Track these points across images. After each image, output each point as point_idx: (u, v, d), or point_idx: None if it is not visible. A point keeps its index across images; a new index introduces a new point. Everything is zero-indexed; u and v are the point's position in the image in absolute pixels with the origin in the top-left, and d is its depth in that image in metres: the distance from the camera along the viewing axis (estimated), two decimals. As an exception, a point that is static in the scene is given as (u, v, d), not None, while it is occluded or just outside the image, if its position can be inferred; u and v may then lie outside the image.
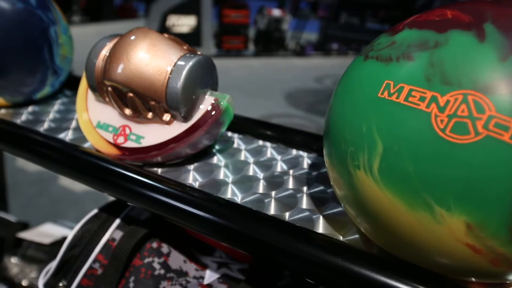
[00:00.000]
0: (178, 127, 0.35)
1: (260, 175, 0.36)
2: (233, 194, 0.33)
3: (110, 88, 0.35)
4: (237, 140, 0.42)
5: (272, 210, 0.31)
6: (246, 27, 4.41)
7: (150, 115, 0.36)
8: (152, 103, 0.34)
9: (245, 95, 2.99)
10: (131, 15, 6.81)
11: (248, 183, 0.34)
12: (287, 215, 0.30)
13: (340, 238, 0.28)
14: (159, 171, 0.36)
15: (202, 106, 0.35)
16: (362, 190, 0.22)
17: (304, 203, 0.32)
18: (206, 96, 0.36)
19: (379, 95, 0.21)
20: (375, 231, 0.24)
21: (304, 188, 0.34)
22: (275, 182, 0.35)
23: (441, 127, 0.18)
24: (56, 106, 0.49)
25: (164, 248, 0.39)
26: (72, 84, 0.54)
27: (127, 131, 0.37)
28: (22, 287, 0.73)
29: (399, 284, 0.22)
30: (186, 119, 0.35)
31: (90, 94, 0.40)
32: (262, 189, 0.34)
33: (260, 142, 0.42)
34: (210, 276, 0.39)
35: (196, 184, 0.34)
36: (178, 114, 0.34)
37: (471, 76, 0.18)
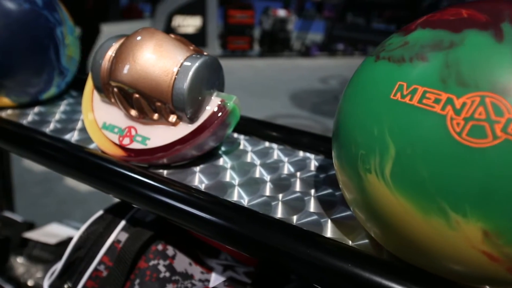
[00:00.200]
0: (184, 129, 0.34)
1: (267, 177, 0.35)
2: (239, 196, 0.33)
3: (116, 89, 0.35)
4: (243, 142, 0.42)
5: (279, 213, 0.30)
6: (251, 28, 4.41)
7: (156, 116, 0.35)
8: (158, 104, 0.34)
9: (250, 96, 2.99)
10: (137, 15, 6.84)
11: (254, 186, 0.34)
12: (294, 218, 0.30)
13: (349, 243, 0.27)
14: (165, 172, 0.36)
15: (208, 107, 0.35)
16: (373, 194, 0.22)
17: (312, 206, 0.31)
18: (213, 97, 0.35)
19: (391, 97, 0.20)
20: (385, 236, 0.24)
21: (312, 191, 0.33)
22: (282, 184, 0.34)
23: (457, 130, 0.17)
24: (62, 107, 0.49)
25: (170, 250, 0.39)
26: (78, 84, 0.54)
27: (133, 132, 0.36)
28: (28, 287, 0.73)
29: (411, 292, 0.22)
30: (192, 120, 0.34)
31: (96, 95, 0.40)
32: (269, 191, 0.33)
33: (267, 144, 0.42)
34: (215, 279, 0.39)
35: (202, 187, 0.34)
36: (184, 115, 0.34)
37: (488, 77, 0.17)
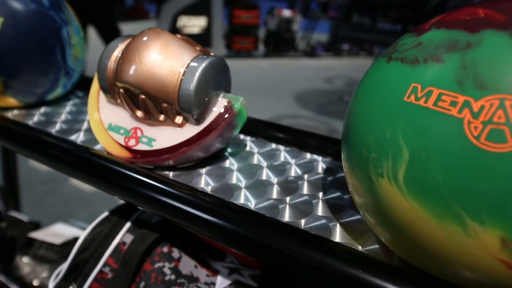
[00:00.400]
0: (190, 130, 0.34)
1: (274, 179, 0.35)
2: (246, 199, 0.32)
3: (121, 90, 0.35)
4: (249, 143, 0.42)
5: (286, 217, 0.30)
6: (256, 28, 4.41)
7: (162, 117, 0.35)
8: (164, 105, 0.34)
9: (254, 96, 2.98)
10: (142, 16, 6.87)
11: (261, 188, 0.33)
12: (302, 222, 0.29)
13: (359, 248, 0.26)
14: (171, 174, 0.36)
15: (215, 109, 0.34)
16: (385, 199, 0.21)
17: (320, 209, 0.31)
18: (219, 98, 0.35)
19: (405, 99, 0.20)
20: (397, 242, 0.23)
21: (320, 194, 0.33)
22: (289, 187, 0.34)
23: (474, 134, 0.17)
24: (68, 107, 0.49)
25: (175, 253, 0.38)
26: (84, 85, 0.54)
27: (139, 133, 0.36)
28: (33, 287, 0.73)
29: (424, 300, 0.21)
30: (198, 121, 0.34)
31: (102, 95, 0.40)
32: (276, 194, 0.33)
33: (273, 145, 0.41)
34: (221, 282, 0.38)
35: (209, 189, 0.33)
36: (190, 116, 0.33)
37: (508, 79, 0.17)
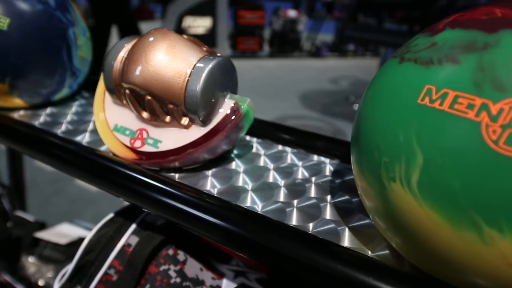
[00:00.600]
0: (197, 132, 0.34)
1: (281, 182, 0.34)
2: (253, 202, 0.32)
3: (127, 91, 0.34)
4: (255, 145, 0.41)
5: (294, 221, 0.29)
6: (261, 28, 4.40)
7: (168, 118, 0.35)
8: (170, 106, 0.33)
9: (259, 96, 2.98)
10: (148, 16, 6.89)
11: (268, 191, 0.33)
12: (310, 226, 0.29)
13: (369, 253, 0.26)
14: (176, 176, 0.35)
15: (221, 110, 0.34)
16: (396, 204, 0.21)
17: (328, 213, 0.30)
18: (226, 100, 0.34)
19: (418, 101, 0.19)
20: (409, 247, 0.23)
21: (328, 197, 0.32)
22: (296, 190, 0.33)
23: (493, 138, 0.16)
24: (74, 108, 0.49)
25: (180, 255, 0.38)
26: (90, 85, 0.54)
27: (144, 134, 0.36)
28: (38, 287, 0.74)
29: (438, 308, 0.20)
30: (205, 123, 0.33)
31: (108, 96, 0.40)
32: (283, 197, 0.32)
33: (280, 147, 0.41)
34: (227, 285, 0.38)
35: (215, 191, 0.33)
36: (196, 118, 0.33)
37: (528, 81, 0.16)
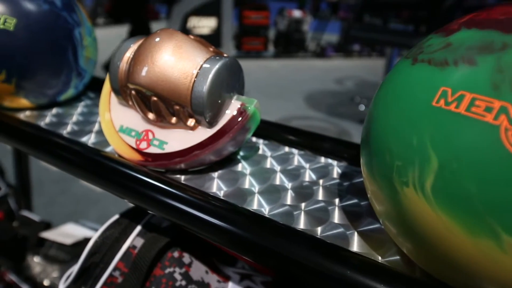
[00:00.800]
0: (203, 133, 0.33)
1: (288, 184, 0.34)
2: (259, 205, 0.31)
3: (133, 92, 0.34)
4: (262, 146, 0.41)
5: (301, 224, 0.29)
6: (266, 29, 4.40)
7: (174, 120, 0.34)
8: (177, 107, 0.33)
9: (264, 97, 2.97)
10: (153, 17, 6.92)
11: (275, 194, 0.32)
12: (319, 230, 0.28)
13: (379, 258, 0.25)
14: (182, 178, 0.35)
15: (228, 111, 0.33)
16: (409, 209, 0.20)
17: (337, 217, 0.30)
18: (232, 101, 0.34)
19: (433, 104, 0.18)
20: (421, 253, 0.22)
21: (336, 200, 0.32)
22: (304, 193, 0.33)
23: (513, 142, 0.16)
24: (80, 108, 0.49)
25: (186, 258, 0.38)
26: (95, 86, 0.54)
27: (150, 136, 0.35)
28: (43, 286, 0.74)
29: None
30: (211, 124, 0.33)
31: (113, 97, 0.39)
32: (290, 200, 0.32)
33: (286, 149, 0.40)
34: (232, 288, 0.37)
35: (221, 193, 0.32)
36: (203, 119, 0.32)
37: (549, 83, 0.16)
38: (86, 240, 0.79)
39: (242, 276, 0.39)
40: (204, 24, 3.97)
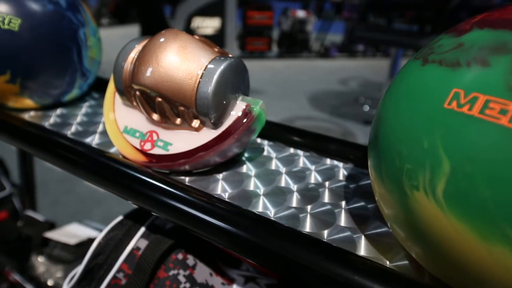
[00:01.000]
0: (208, 134, 0.33)
1: (294, 187, 0.33)
2: (265, 207, 0.31)
3: (138, 92, 0.34)
4: (267, 148, 0.40)
5: (307, 227, 0.28)
6: (269, 29, 4.39)
7: (178, 121, 0.34)
8: (181, 108, 0.33)
9: (267, 97, 2.97)
10: (157, 17, 6.94)
11: (281, 196, 0.32)
12: (325, 233, 0.28)
13: (387, 263, 0.25)
14: (187, 179, 0.34)
15: (233, 112, 0.33)
16: (419, 213, 0.20)
17: (343, 220, 0.29)
18: (238, 102, 0.33)
19: (445, 106, 0.18)
20: (430, 258, 0.21)
21: (343, 203, 0.31)
22: (310, 195, 0.32)
23: (529, 146, 0.15)
24: (84, 109, 0.49)
25: (190, 260, 0.37)
26: (99, 86, 0.54)
27: (155, 137, 0.35)
28: (47, 286, 0.74)
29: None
30: (216, 125, 0.33)
31: (118, 98, 0.39)
32: (296, 202, 0.31)
33: (291, 150, 0.40)
34: (237, 291, 0.37)
35: (226, 195, 0.32)
36: (208, 120, 0.32)
37: None
38: (90, 241, 0.79)
39: (246, 279, 0.39)
40: (208, 25, 3.97)
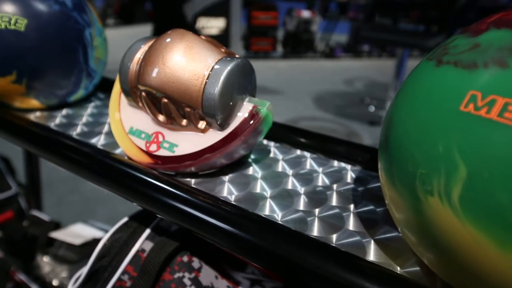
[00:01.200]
0: (214, 136, 0.32)
1: (301, 189, 0.33)
2: (272, 210, 0.30)
3: (143, 93, 0.34)
4: (273, 149, 0.40)
5: (315, 231, 0.28)
6: (274, 29, 4.39)
7: (184, 122, 0.33)
8: (187, 109, 0.32)
9: (272, 97, 2.96)
10: (162, 17, 6.95)
11: (288, 199, 0.32)
12: (334, 238, 0.27)
13: (398, 269, 0.24)
14: (192, 181, 0.34)
15: (239, 114, 0.32)
16: (433, 219, 0.19)
17: (352, 224, 0.29)
18: (244, 103, 0.33)
19: (461, 109, 0.17)
20: (443, 265, 0.21)
21: (351, 207, 0.31)
22: (317, 198, 0.32)
23: (551, 151, 0.14)
24: (90, 109, 0.49)
25: (195, 262, 0.37)
26: (105, 87, 0.54)
27: (160, 138, 0.35)
28: (52, 286, 0.74)
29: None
30: (222, 127, 0.32)
31: (123, 98, 0.39)
32: (303, 205, 0.31)
33: (298, 152, 0.39)
34: (242, 294, 0.37)
35: (232, 198, 0.32)
36: (214, 121, 0.32)
37: None
38: (95, 241, 0.79)
39: (252, 282, 0.38)
40: (213, 25, 3.97)
